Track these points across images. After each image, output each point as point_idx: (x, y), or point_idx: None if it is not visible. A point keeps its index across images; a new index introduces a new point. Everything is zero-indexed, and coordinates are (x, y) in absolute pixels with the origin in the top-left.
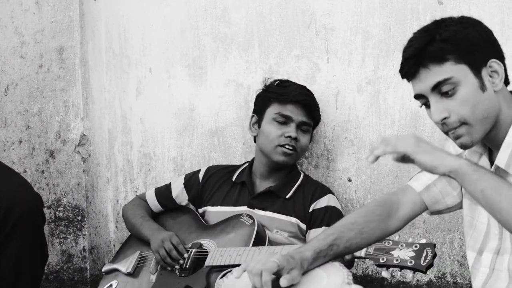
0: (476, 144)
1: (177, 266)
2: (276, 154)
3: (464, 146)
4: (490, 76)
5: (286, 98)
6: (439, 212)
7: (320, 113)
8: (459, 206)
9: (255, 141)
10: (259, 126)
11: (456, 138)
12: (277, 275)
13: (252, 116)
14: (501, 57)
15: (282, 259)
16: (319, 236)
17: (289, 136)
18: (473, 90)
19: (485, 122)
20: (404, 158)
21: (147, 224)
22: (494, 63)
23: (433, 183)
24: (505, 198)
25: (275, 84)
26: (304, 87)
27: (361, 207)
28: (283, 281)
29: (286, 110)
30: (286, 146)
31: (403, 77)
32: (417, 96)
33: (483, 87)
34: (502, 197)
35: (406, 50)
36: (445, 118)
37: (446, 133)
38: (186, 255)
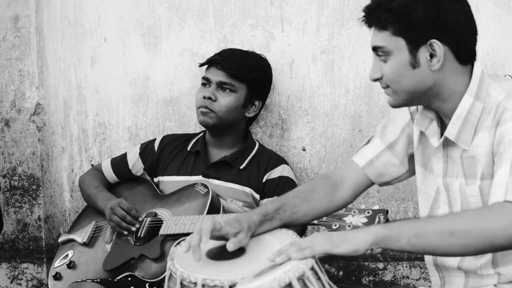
0: (400, 106)
1: (133, 229)
2: (198, 116)
3: (390, 105)
4: (429, 56)
5: (207, 61)
6: (387, 183)
7: (273, 79)
8: (406, 176)
9: None
10: None
11: (387, 94)
12: (224, 239)
13: None
14: (448, 39)
15: (226, 223)
16: (266, 203)
17: (204, 97)
18: (402, 64)
19: (411, 94)
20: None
21: (100, 195)
22: (435, 44)
23: (376, 157)
24: (431, 236)
25: None
26: (233, 50)
27: (307, 175)
28: (229, 245)
29: (208, 72)
30: (203, 106)
31: None
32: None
33: (414, 64)
34: (429, 237)
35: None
36: (378, 79)
37: None
38: (140, 219)
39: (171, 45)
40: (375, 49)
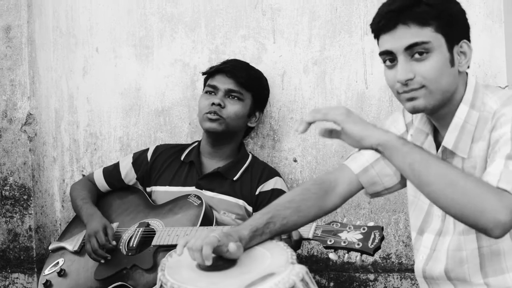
0: (427, 111)
1: (102, 261)
2: (204, 122)
3: (415, 110)
4: (458, 56)
5: (213, 69)
6: (377, 194)
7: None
8: (397, 187)
9: None
10: None
11: (410, 99)
12: (217, 253)
13: None
14: (469, 41)
15: (222, 235)
16: (255, 215)
17: (213, 103)
18: (444, 61)
19: (444, 94)
20: (331, 133)
21: (84, 208)
22: (465, 44)
23: (371, 165)
24: (433, 172)
25: None
26: (238, 60)
27: (298, 185)
28: (232, 246)
29: (214, 80)
30: (211, 112)
31: (375, 30)
32: (385, 53)
33: (452, 62)
34: (431, 171)
35: (390, 4)
36: (409, 79)
37: (401, 93)
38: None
39: (162, 56)
40: (410, 47)
